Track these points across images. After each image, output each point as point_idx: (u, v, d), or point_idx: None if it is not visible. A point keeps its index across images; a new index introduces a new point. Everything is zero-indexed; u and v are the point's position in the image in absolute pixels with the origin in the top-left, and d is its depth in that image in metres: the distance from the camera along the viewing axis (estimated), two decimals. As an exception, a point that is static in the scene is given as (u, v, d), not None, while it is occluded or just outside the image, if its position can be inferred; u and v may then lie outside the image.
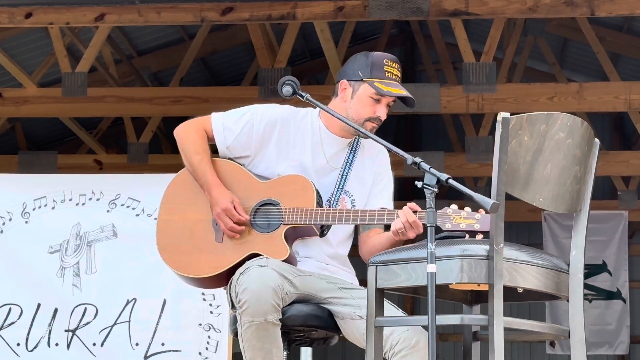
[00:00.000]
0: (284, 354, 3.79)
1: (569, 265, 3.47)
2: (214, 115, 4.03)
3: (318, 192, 3.87)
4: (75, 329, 6.76)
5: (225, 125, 3.99)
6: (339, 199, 3.95)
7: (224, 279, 3.86)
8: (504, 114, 3.24)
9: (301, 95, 3.84)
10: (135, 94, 9.33)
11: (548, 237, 11.30)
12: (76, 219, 6.88)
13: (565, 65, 11.63)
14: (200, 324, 6.71)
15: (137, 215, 6.85)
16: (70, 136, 11.64)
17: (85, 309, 6.78)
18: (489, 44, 8.61)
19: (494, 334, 3.20)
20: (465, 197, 3.37)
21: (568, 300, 3.46)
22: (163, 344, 6.72)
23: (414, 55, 13.27)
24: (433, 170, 3.33)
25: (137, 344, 6.73)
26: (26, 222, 6.88)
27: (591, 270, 11.24)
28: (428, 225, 3.24)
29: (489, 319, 3.22)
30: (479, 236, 3.61)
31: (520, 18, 9.72)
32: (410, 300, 13.26)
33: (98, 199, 6.90)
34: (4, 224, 6.89)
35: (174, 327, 6.72)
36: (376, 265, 3.44)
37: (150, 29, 10.01)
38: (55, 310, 6.78)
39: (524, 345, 13.49)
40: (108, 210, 6.88)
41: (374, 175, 4.04)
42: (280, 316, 3.67)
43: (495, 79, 8.48)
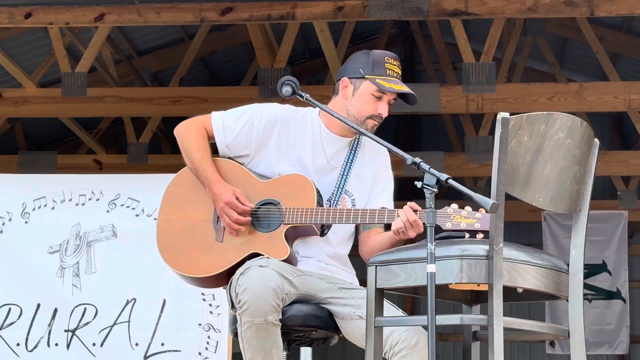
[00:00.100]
0: (283, 354, 3.79)
1: (568, 265, 3.46)
2: (214, 114, 4.03)
3: (318, 192, 3.87)
4: (75, 329, 6.76)
5: (225, 124, 3.99)
6: (339, 198, 3.95)
7: (224, 278, 3.86)
8: (504, 114, 3.24)
9: (301, 95, 3.84)
10: (135, 94, 9.33)
11: (548, 237, 11.30)
12: (76, 219, 6.88)
13: (565, 65, 11.63)
14: (200, 324, 6.71)
15: (137, 215, 6.85)
16: (70, 136, 11.65)
17: (85, 309, 6.78)
18: (488, 43, 8.61)
19: (493, 334, 3.20)
20: (465, 197, 3.37)
21: (568, 300, 3.46)
22: (163, 344, 6.72)
23: (414, 55, 13.27)
24: (433, 170, 3.33)
25: (137, 344, 6.73)
26: (26, 222, 6.88)
27: (591, 270, 11.24)
28: (428, 225, 3.24)
29: (488, 319, 3.22)
30: (480, 235, 3.61)
31: (520, 18, 9.72)
32: (410, 300, 13.26)
33: (98, 199, 6.90)
34: (3, 224, 6.89)
35: (173, 327, 6.72)
36: (376, 265, 3.45)
37: (149, 29, 10.01)
38: (55, 310, 6.78)
39: (524, 345, 13.49)
40: (108, 211, 6.88)
41: (374, 174, 4.04)
42: (280, 316, 3.67)
43: (495, 78, 8.48)
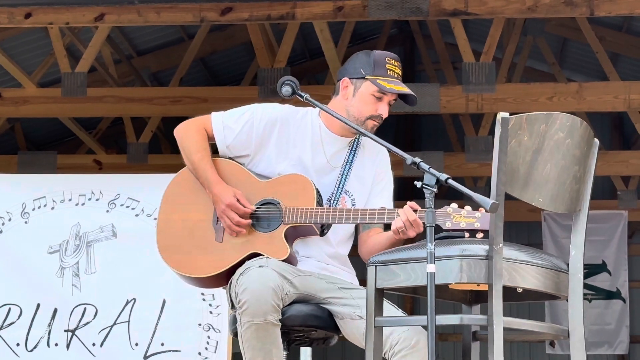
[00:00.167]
0: (283, 354, 3.79)
1: (568, 265, 3.47)
2: (214, 115, 4.03)
3: (318, 192, 3.87)
4: (75, 329, 6.76)
5: (225, 124, 3.99)
6: (339, 198, 3.95)
7: (224, 278, 3.86)
8: (504, 114, 3.24)
9: (300, 95, 3.84)
10: (134, 94, 9.33)
11: (548, 237, 11.30)
12: (76, 219, 6.88)
13: (564, 65, 11.64)
14: (199, 324, 6.71)
15: (137, 215, 6.85)
16: (69, 136, 11.64)
17: (85, 309, 6.78)
18: (488, 43, 8.61)
19: (493, 333, 3.20)
20: (464, 197, 3.37)
21: (567, 300, 3.46)
22: (163, 344, 6.72)
23: (414, 55, 13.27)
24: (432, 170, 3.33)
25: (137, 344, 6.73)
26: (26, 223, 6.88)
27: (591, 270, 11.24)
28: (427, 225, 3.24)
29: (488, 319, 3.22)
30: (479, 235, 3.61)
31: (520, 18, 9.72)
32: (410, 300, 13.26)
33: (97, 199, 6.90)
34: (3, 224, 6.89)
35: (173, 327, 6.72)
36: (375, 265, 3.44)
37: (149, 29, 10.01)
38: (55, 310, 6.78)
39: (524, 345, 13.50)
40: (107, 211, 6.88)
41: (374, 174, 4.04)
42: (280, 316, 3.67)
43: (495, 78, 8.48)
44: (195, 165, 3.95)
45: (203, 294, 6.64)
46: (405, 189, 11.95)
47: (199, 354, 6.68)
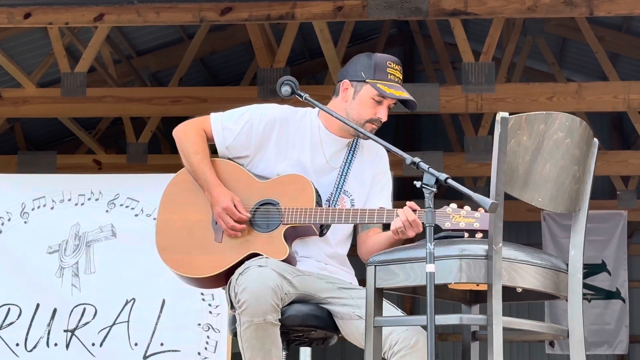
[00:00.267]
0: (283, 354, 3.78)
1: (568, 264, 3.46)
2: (213, 116, 4.03)
3: (317, 192, 3.87)
4: (75, 329, 6.76)
5: (224, 125, 3.99)
6: (338, 198, 3.95)
7: (223, 279, 3.85)
8: (503, 114, 3.24)
9: (300, 95, 3.84)
10: (134, 94, 9.33)
11: (547, 237, 11.30)
12: (75, 219, 6.88)
13: (564, 65, 11.64)
14: (199, 324, 6.71)
15: (136, 215, 6.85)
16: (69, 136, 11.64)
17: (84, 309, 6.78)
18: (488, 43, 8.61)
19: (492, 333, 3.19)
20: (464, 197, 3.37)
21: (567, 300, 3.46)
22: (162, 344, 6.72)
23: (413, 55, 13.27)
24: (432, 170, 3.33)
25: (136, 344, 6.74)
26: (25, 222, 6.88)
27: (590, 269, 11.24)
28: (427, 225, 3.24)
29: (487, 318, 3.22)
30: (479, 235, 3.61)
31: (520, 18, 9.72)
32: (409, 300, 13.26)
33: (97, 199, 6.90)
34: (2, 224, 6.89)
35: (173, 327, 6.72)
36: (375, 265, 3.44)
37: (149, 29, 10.01)
38: (54, 310, 6.78)
39: (523, 345, 13.49)
40: (107, 211, 6.88)
41: (373, 175, 4.04)
42: (280, 316, 3.67)
43: (495, 78, 8.48)
44: (195, 167, 3.95)
45: (202, 294, 6.64)
46: (405, 189, 11.97)
47: (199, 354, 6.68)
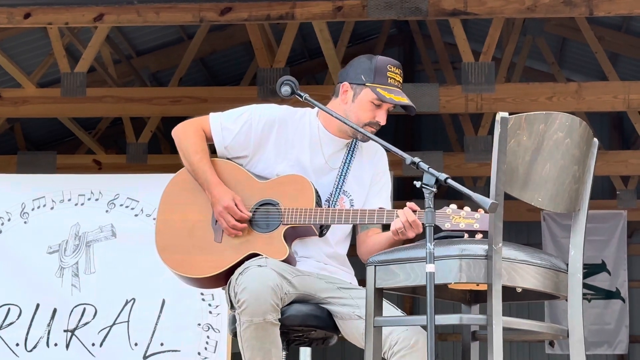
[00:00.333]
0: (283, 354, 3.78)
1: (567, 264, 3.46)
2: (212, 115, 4.03)
3: (317, 192, 3.87)
4: (74, 329, 6.76)
5: (223, 125, 3.99)
6: (337, 199, 3.95)
7: (223, 279, 3.85)
8: (503, 114, 3.24)
9: (300, 95, 3.84)
10: (134, 94, 9.33)
11: (547, 237, 11.30)
12: (75, 219, 6.87)
13: (564, 65, 11.64)
14: (199, 324, 6.71)
15: (136, 215, 6.85)
16: (69, 136, 11.64)
17: (84, 309, 6.78)
18: (487, 43, 8.61)
19: (492, 333, 3.19)
20: (464, 197, 3.37)
21: (567, 300, 3.46)
22: (162, 344, 6.72)
23: (413, 55, 13.27)
24: (432, 170, 3.33)
25: (136, 344, 6.73)
26: (25, 223, 6.88)
27: (590, 269, 11.24)
28: (427, 225, 3.24)
29: (487, 318, 3.22)
30: (479, 236, 3.61)
31: (519, 18, 9.72)
32: (409, 300, 13.26)
33: (97, 199, 6.90)
34: (2, 224, 6.89)
35: (173, 327, 6.72)
36: (375, 265, 3.44)
37: (149, 29, 10.01)
38: (54, 310, 6.78)
39: (523, 344, 13.49)
40: (107, 211, 6.88)
41: (372, 175, 4.04)
42: (279, 316, 3.67)
43: (494, 78, 8.48)
44: (195, 166, 3.95)
45: (202, 294, 6.64)
46: (405, 189, 11.97)
47: (199, 353, 6.68)
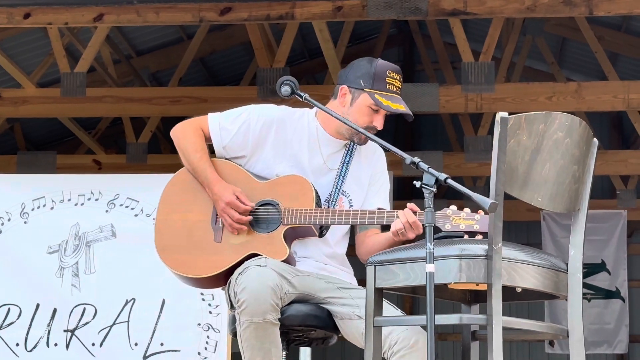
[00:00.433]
0: (282, 354, 3.79)
1: (567, 264, 3.47)
2: (211, 115, 4.03)
3: (317, 193, 3.88)
4: (74, 329, 6.76)
5: (222, 125, 3.99)
6: (336, 199, 3.95)
7: (222, 279, 3.86)
8: (503, 114, 3.24)
9: (300, 95, 3.84)
10: (134, 94, 9.33)
11: (547, 237, 11.30)
12: (75, 219, 6.88)
13: (564, 64, 11.64)
14: (199, 324, 6.71)
15: (136, 215, 6.85)
16: (69, 136, 11.64)
17: (84, 309, 6.78)
18: (487, 43, 8.61)
19: (492, 333, 3.20)
20: (463, 197, 3.37)
21: (567, 300, 3.46)
22: (162, 344, 6.72)
23: (413, 55, 13.27)
24: (431, 169, 3.34)
25: (136, 344, 6.74)
26: (25, 223, 6.88)
27: (590, 269, 11.24)
28: (427, 225, 3.24)
29: (487, 318, 3.22)
30: (478, 237, 3.61)
31: (519, 17, 9.72)
32: (409, 300, 13.26)
33: (97, 199, 6.90)
34: (2, 224, 6.89)
35: (173, 327, 6.72)
36: (375, 265, 3.44)
37: (149, 29, 10.01)
38: (54, 310, 6.78)
39: (523, 344, 13.50)
40: (107, 211, 6.88)
41: (370, 175, 4.04)
42: (279, 316, 3.67)
43: (494, 78, 8.48)
44: (194, 165, 3.95)
45: (202, 294, 6.64)
46: (404, 189, 11.98)
47: (199, 353, 6.69)
